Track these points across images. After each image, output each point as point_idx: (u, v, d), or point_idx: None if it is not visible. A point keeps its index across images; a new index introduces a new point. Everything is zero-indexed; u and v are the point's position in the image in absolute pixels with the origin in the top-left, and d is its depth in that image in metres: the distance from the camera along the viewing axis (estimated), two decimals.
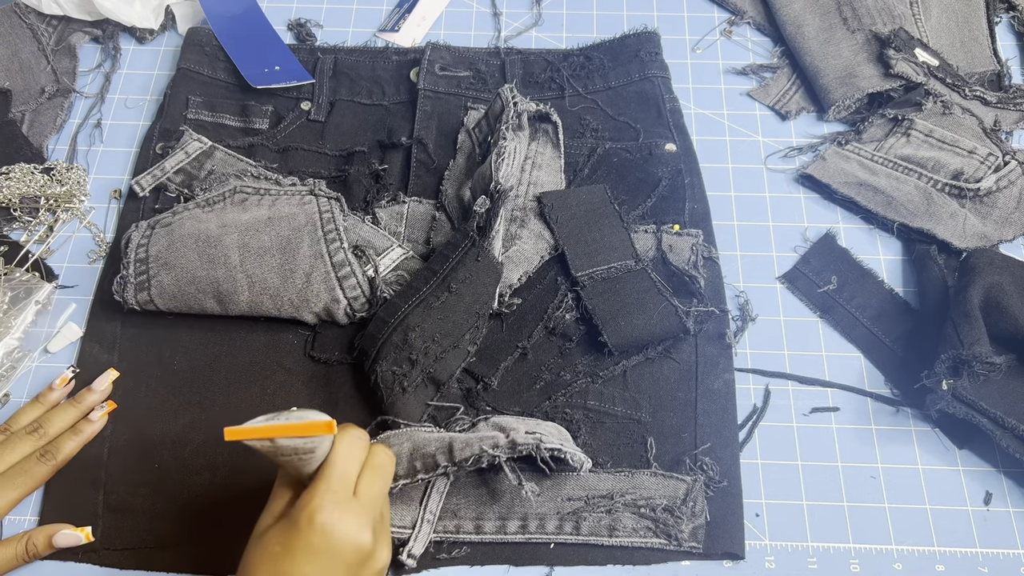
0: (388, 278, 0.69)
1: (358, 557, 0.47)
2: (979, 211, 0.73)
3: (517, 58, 0.85)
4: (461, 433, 0.61)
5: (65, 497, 0.63)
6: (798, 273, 0.73)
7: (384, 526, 0.51)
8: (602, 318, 0.67)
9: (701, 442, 0.64)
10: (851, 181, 0.76)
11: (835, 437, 0.66)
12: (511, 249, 0.70)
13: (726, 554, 0.61)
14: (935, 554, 0.61)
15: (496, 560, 0.61)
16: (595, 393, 0.66)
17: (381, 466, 0.51)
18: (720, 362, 0.68)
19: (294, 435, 0.46)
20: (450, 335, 0.65)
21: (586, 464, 0.59)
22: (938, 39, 0.85)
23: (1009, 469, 0.64)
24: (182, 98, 0.82)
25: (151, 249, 0.68)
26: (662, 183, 0.76)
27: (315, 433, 0.46)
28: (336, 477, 0.48)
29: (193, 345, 0.69)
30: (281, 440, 0.46)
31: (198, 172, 0.76)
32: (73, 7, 0.86)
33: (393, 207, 0.75)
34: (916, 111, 0.79)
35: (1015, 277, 0.67)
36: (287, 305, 0.67)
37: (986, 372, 0.63)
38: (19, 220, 0.76)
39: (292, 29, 0.90)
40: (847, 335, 0.70)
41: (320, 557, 0.46)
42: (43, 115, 0.83)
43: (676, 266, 0.71)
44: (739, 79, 0.85)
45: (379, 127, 0.81)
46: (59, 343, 0.70)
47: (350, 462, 0.49)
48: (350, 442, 0.49)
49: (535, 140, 0.76)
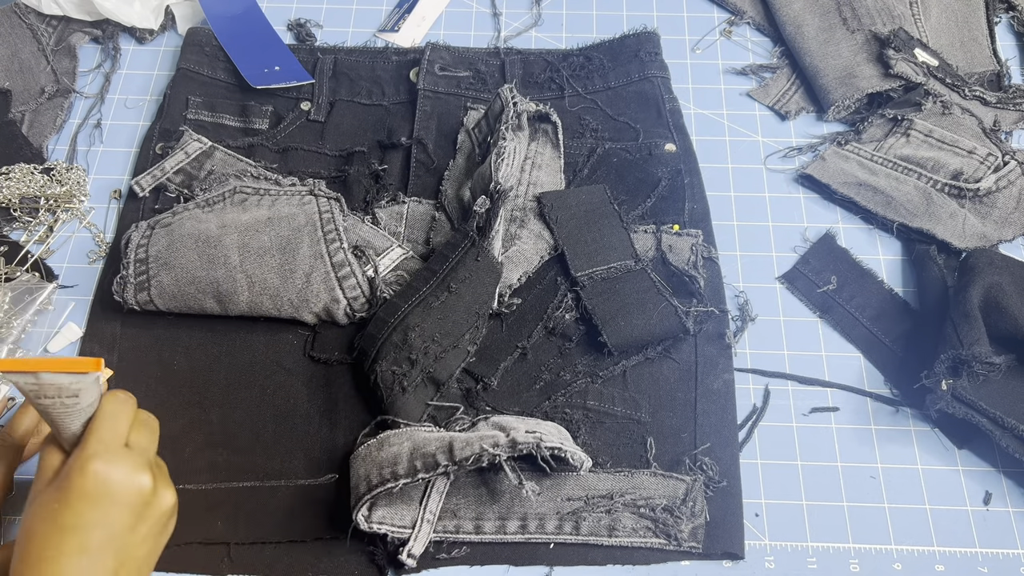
0: (388, 278, 0.69)
1: (139, 498, 0.48)
2: (979, 211, 0.74)
3: (517, 58, 0.85)
4: (461, 433, 0.61)
5: None
6: (798, 273, 0.73)
7: (162, 473, 0.52)
8: (602, 318, 0.67)
9: (701, 442, 0.64)
10: (851, 181, 0.76)
11: (835, 437, 0.66)
12: (511, 249, 0.70)
13: (726, 554, 0.61)
14: (935, 554, 0.61)
15: (496, 560, 0.61)
16: (595, 393, 0.66)
17: (148, 422, 0.53)
18: (720, 362, 0.68)
19: (60, 370, 0.47)
20: (450, 335, 0.65)
21: (586, 463, 0.59)
22: (938, 39, 0.85)
23: (1009, 469, 0.64)
24: (182, 98, 0.82)
25: (151, 249, 0.68)
26: (662, 183, 0.76)
27: (81, 369, 0.47)
28: (106, 429, 0.49)
29: (193, 345, 0.69)
30: (45, 376, 0.47)
31: (198, 172, 0.76)
32: (73, 7, 0.86)
33: (393, 207, 0.75)
34: (916, 111, 0.79)
35: (1015, 277, 0.67)
36: (287, 305, 0.67)
37: (986, 372, 0.63)
38: (19, 220, 0.76)
39: (292, 29, 0.90)
40: (847, 335, 0.70)
41: (99, 502, 0.47)
42: (43, 115, 0.83)
43: (676, 266, 0.71)
44: (739, 79, 0.85)
45: (379, 127, 0.81)
46: (59, 343, 0.70)
47: (119, 417, 0.50)
48: (117, 401, 0.51)
49: (535, 140, 0.76)
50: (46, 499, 0.48)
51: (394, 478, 0.57)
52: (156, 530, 0.50)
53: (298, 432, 0.65)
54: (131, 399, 0.52)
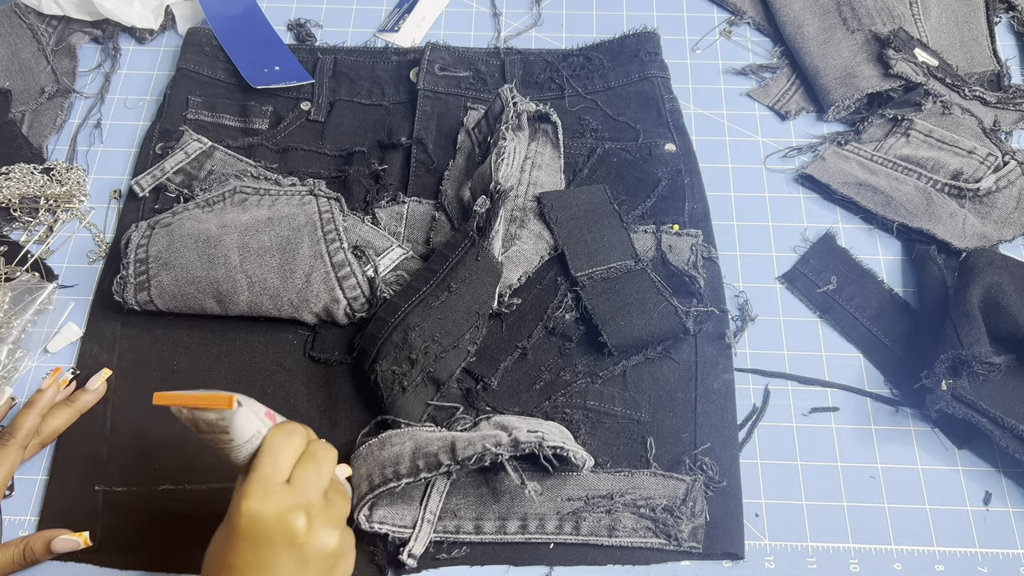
0: (388, 278, 0.69)
1: (292, 540, 0.46)
2: (979, 211, 0.74)
3: (517, 58, 0.85)
4: (463, 432, 0.61)
5: (65, 497, 0.63)
6: (798, 273, 0.73)
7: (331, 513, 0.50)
8: (602, 318, 0.67)
9: (701, 442, 0.64)
10: (851, 181, 0.76)
11: (835, 437, 0.66)
12: (511, 249, 0.70)
13: (726, 554, 0.61)
14: (935, 554, 0.61)
15: (496, 560, 0.61)
16: (595, 393, 0.66)
17: (316, 455, 0.50)
18: (720, 362, 0.68)
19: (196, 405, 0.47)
20: (450, 335, 0.65)
21: (588, 462, 0.59)
22: (937, 39, 0.85)
23: (1008, 469, 0.64)
24: (182, 98, 0.82)
25: (151, 249, 0.68)
26: (662, 183, 0.76)
27: (213, 405, 0.47)
28: (266, 465, 0.48)
29: (193, 345, 0.69)
30: (195, 412, 0.47)
31: (198, 172, 0.76)
32: (73, 7, 0.86)
33: (393, 207, 0.75)
34: (916, 111, 0.79)
35: (1014, 277, 0.67)
36: (287, 305, 0.67)
37: (985, 372, 0.63)
38: (19, 220, 0.76)
39: (292, 29, 0.90)
40: (847, 335, 0.70)
41: (256, 544, 0.46)
42: (43, 115, 0.83)
43: (676, 266, 0.71)
44: (739, 79, 0.85)
45: (379, 127, 0.81)
46: (59, 343, 0.70)
47: (281, 452, 0.48)
48: (283, 434, 0.49)
49: (535, 140, 0.76)
50: (218, 536, 0.48)
51: (396, 477, 0.57)
52: (322, 573, 0.48)
53: None
54: (299, 431, 0.50)
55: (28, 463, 0.65)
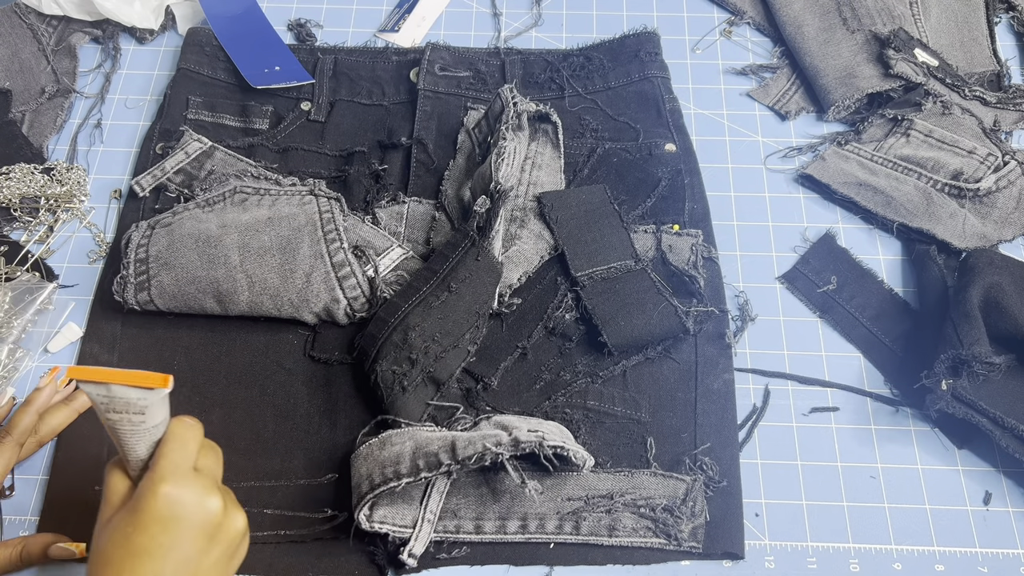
0: (388, 278, 0.69)
1: (211, 521, 0.48)
2: (979, 211, 0.74)
3: (517, 58, 0.85)
4: (463, 432, 0.61)
5: (65, 496, 0.63)
6: (798, 273, 0.73)
7: (231, 497, 0.52)
8: (602, 318, 0.67)
9: (701, 442, 0.64)
10: (851, 181, 0.76)
11: (835, 437, 0.66)
12: (511, 249, 0.70)
13: (726, 554, 0.61)
14: (935, 554, 0.61)
15: (496, 560, 0.61)
16: (595, 393, 0.66)
17: (212, 446, 0.53)
18: (720, 362, 0.68)
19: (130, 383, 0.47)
20: (450, 335, 0.65)
21: (588, 462, 0.59)
22: (938, 39, 0.85)
23: (1008, 469, 0.64)
24: (182, 98, 0.82)
25: (151, 249, 0.68)
26: (662, 183, 0.76)
27: (150, 384, 0.47)
28: (176, 452, 0.49)
29: (193, 345, 0.69)
30: (116, 389, 0.47)
31: (198, 172, 0.76)
32: (73, 7, 0.86)
33: (393, 207, 0.75)
34: (916, 111, 0.79)
35: (1014, 277, 0.67)
36: (287, 305, 0.67)
37: (986, 372, 0.63)
38: (19, 220, 0.76)
39: (292, 29, 0.90)
40: (847, 335, 0.70)
41: (172, 526, 0.47)
42: (43, 115, 0.83)
43: (676, 266, 0.71)
44: (739, 79, 0.85)
45: (379, 127, 0.81)
46: (59, 343, 0.70)
47: (188, 441, 0.50)
48: (185, 425, 0.51)
49: (535, 140, 0.76)
50: (118, 523, 0.48)
51: (396, 477, 0.57)
52: (228, 553, 0.50)
53: (298, 432, 0.65)
54: (198, 424, 0.52)
55: (28, 463, 0.65)
